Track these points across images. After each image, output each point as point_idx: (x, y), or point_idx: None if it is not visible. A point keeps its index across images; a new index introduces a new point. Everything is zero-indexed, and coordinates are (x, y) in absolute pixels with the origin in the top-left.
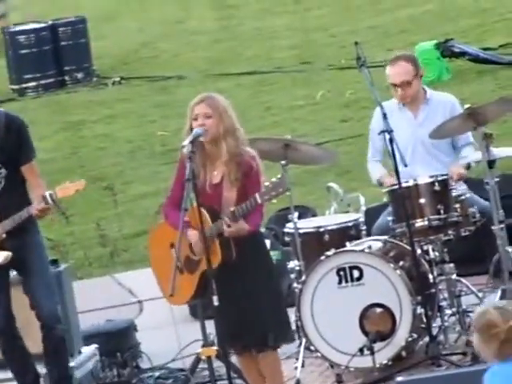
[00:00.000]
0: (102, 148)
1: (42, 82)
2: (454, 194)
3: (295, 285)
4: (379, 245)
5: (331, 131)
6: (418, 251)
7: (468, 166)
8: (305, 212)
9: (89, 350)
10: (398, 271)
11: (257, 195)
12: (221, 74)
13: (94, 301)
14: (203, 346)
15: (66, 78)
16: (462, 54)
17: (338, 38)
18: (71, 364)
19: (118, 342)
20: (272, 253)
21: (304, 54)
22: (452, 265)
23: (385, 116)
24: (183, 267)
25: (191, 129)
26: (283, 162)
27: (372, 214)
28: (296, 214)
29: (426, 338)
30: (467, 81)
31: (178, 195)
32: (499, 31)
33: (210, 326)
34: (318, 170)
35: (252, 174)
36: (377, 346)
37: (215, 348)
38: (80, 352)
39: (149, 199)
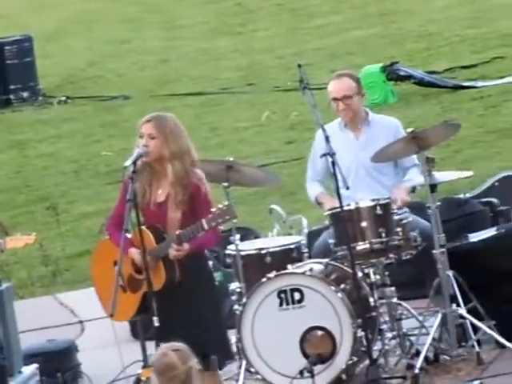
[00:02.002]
0: (46, 167)
1: None
2: (395, 217)
3: (236, 307)
4: (321, 267)
5: (276, 153)
6: (359, 274)
7: (413, 189)
8: (247, 234)
9: (29, 369)
10: (339, 294)
11: (204, 221)
12: (167, 94)
13: (36, 320)
14: (143, 366)
15: (12, 96)
16: (408, 77)
17: (284, 59)
18: None
19: (58, 362)
20: (214, 274)
21: (250, 75)
22: (393, 288)
23: (327, 139)
24: (126, 286)
25: (137, 146)
26: (226, 184)
27: (314, 237)
28: (238, 236)
29: (367, 361)
30: (412, 104)
31: (121, 214)
32: (445, 55)
33: (151, 346)
34: (262, 191)
35: (200, 196)
36: (317, 368)
37: None
38: (20, 372)
39: (92, 219)
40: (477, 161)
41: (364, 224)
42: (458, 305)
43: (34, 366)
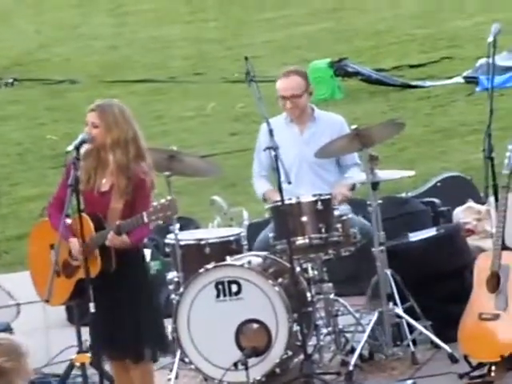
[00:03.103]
0: None
1: None
2: (336, 213)
3: (173, 296)
4: (259, 260)
5: (220, 144)
6: (298, 269)
7: (353, 187)
8: (187, 224)
9: None
10: (277, 288)
11: (144, 214)
12: (114, 80)
13: None
14: (78, 352)
15: None
16: (355, 73)
17: (234, 50)
18: None
19: None
20: (152, 263)
21: (198, 65)
22: (330, 284)
23: (271, 132)
24: (61, 271)
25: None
26: (167, 173)
27: (254, 229)
28: (178, 226)
29: (301, 356)
30: (359, 101)
31: (63, 197)
32: (393, 53)
33: (86, 332)
34: (204, 181)
35: (143, 190)
36: (251, 361)
37: (89, 355)
38: None
39: (35, 202)
40: (421, 160)
41: (304, 219)
42: (395, 304)
43: None
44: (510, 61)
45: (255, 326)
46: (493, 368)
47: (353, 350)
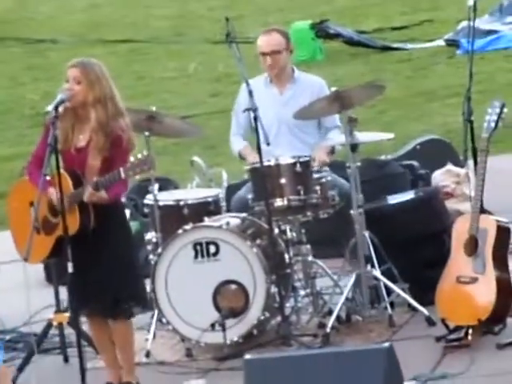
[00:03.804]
0: None
1: None
2: (315, 176)
3: (151, 257)
4: (237, 221)
5: (201, 105)
6: (276, 230)
7: (333, 150)
8: (166, 184)
9: None
10: (255, 249)
11: (121, 169)
12: (95, 39)
13: None
14: (56, 312)
15: None
16: (337, 35)
17: (215, 11)
18: None
19: None
20: (131, 223)
21: (180, 25)
22: (309, 246)
23: (250, 93)
24: (40, 228)
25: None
26: (146, 134)
27: (233, 191)
28: (156, 186)
29: (278, 318)
30: (340, 63)
31: (42, 155)
32: (375, 15)
33: (65, 292)
34: (184, 142)
35: (121, 147)
36: (229, 322)
37: (67, 315)
38: None
39: (14, 161)
40: (401, 123)
41: (283, 181)
42: (373, 266)
43: None
44: (490, 24)
45: (233, 287)
46: (470, 331)
47: (330, 312)
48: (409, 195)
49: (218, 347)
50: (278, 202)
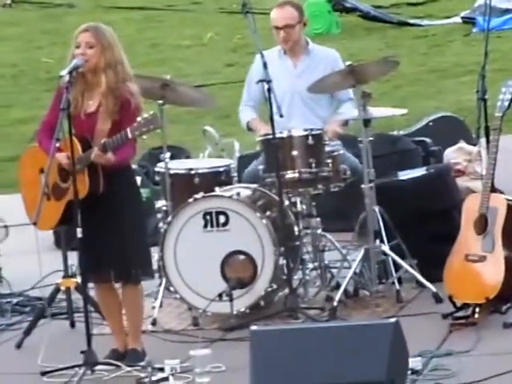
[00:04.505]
0: None
1: None
2: (327, 149)
3: (161, 225)
4: (248, 192)
5: (216, 74)
6: (286, 202)
7: (346, 123)
8: (178, 153)
9: None
10: (264, 220)
11: (128, 130)
12: (111, 6)
13: None
14: (64, 276)
15: None
16: (353, 9)
17: None
18: None
19: None
20: (142, 190)
21: None
22: (318, 219)
23: (265, 65)
24: (50, 193)
25: (73, 56)
26: (160, 102)
27: (245, 162)
28: (168, 154)
29: (286, 290)
30: (356, 37)
31: (52, 122)
32: None
33: (73, 257)
34: (198, 111)
35: (129, 110)
36: (236, 292)
37: (75, 280)
38: None
39: (28, 125)
40: (415, 99)
41: (295, 153)
42: (382, 241)
43: None
44: (507, 3)
45: (241, 257)
46: (477, 310)
47: (338, 286)
48: (420, 171)
49: (224, 317)
50: (289, 174)
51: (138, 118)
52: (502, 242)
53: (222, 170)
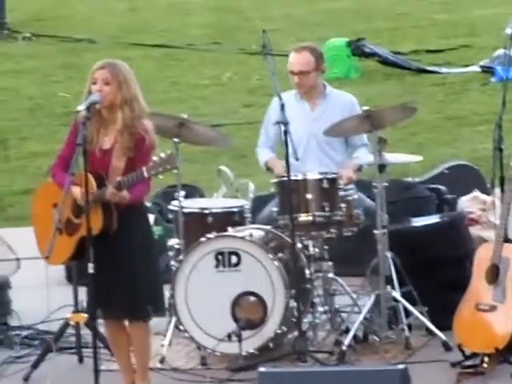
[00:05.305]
0: (2, 101)
1: None
2: (341, 193)
3: (173, 263)
4: (261, 234)
5: (233, 114)
6: (299, 245)
7: (360, 168)
8: (193, 192)
9: None
10: (276, 262)
11: (144, 169)
12: (131, 43)
13: None
14: (74, 311)
15: None
16: (372, 54)
17: (252, 22)
18: None
19: None
20: (155, 228)
21: (216, 34)
22: (330, 263)
23: (282, 107)
24: (63, 229)
25: (89, 92)
26: (176, 140)
27: (259, 203)
28: (183, 193)
29: (295, 333)
30: (374, 82)
31: (68, 157)
32: (412, 37)
33: (84, 292)
34: (214, 151)
35: (143, 148)
36: (245, 333)
37: (85, 315)
38: None
39: (42, 158)
40: (431, 146)
41: (309, 196)
42: (393, 287)
43: None
44: None
45: (252, 298)
46: (486, 359)
47: (347, 331)
48: (434, 219)
49: (233, 357)
50: (303, 217)
51: (155, 158)
52: None
53: (235, 210)
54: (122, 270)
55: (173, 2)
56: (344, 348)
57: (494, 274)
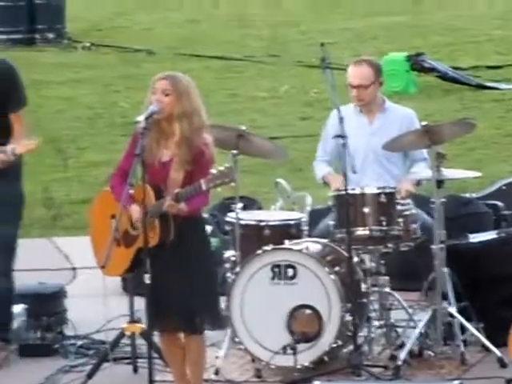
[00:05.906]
0: (61, 110)
1: (13, 36)
2: (398, 208)
3: (229, 274)
4: (318, 247)
5: (290, 127)
6: (355, 259)
7: (418, 183)
8: (250, 204)
9: (16, 309)
10: (333, 276)
11: (202, 181)
12: (191, 54)
13: (29, 261)
14: (129, 322)
15: (37, 36)
16: (432, 69)
17: (309, 35)
18: None
19: (45, 306)
20: (211, 239)
21: (275, 46)
22: (387, 277)
23: (341, 120)
24: (121, 240)
25: (150, 103)
26: (234, 152)
27: (316, 216)
28: (240, 205)
29: (351, 347)
30: (433, 97)
31: (127, 168)
32: (470, 52)
33: (140, 302)
34: (271, 163)
35: (202, 161)
36: (300, 346)
37: (140, 325)
38: None
39: (101, 168)
40: (489, 162)
41: (366, 210)
42: (449, 303)
43: (21, 307)
44: None
45: (308, 311)
46: None
47: (402, 345)
48: (491, 235)
49: (287, 370)
50: (360, 231)
51: (213, 171)
52: None
53: (292, 223)
54: (178, 281)
55: (231, 14)
56: (399, 363)
57: None
